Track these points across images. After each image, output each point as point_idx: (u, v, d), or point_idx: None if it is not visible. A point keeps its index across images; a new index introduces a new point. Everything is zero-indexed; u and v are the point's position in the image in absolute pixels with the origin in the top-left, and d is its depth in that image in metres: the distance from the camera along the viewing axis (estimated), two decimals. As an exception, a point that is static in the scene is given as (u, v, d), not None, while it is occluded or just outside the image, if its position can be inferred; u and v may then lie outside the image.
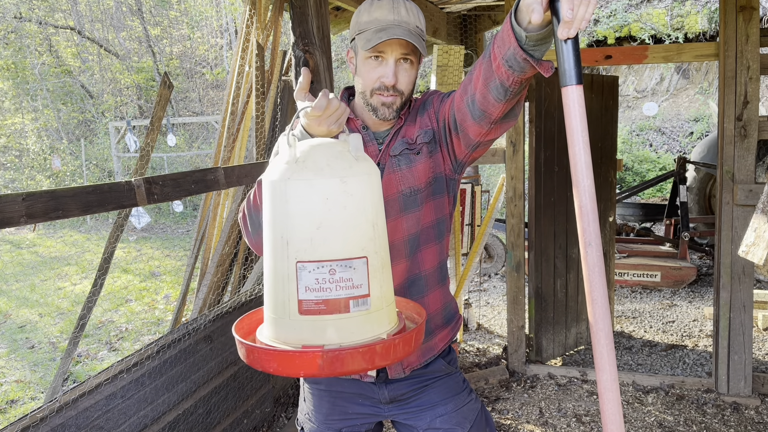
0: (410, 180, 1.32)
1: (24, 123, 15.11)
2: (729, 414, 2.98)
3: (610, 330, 0.92)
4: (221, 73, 17.28)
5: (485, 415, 1.47)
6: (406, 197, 1.32)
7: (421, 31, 1.28)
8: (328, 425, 1.44)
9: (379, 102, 1.29)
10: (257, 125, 3.09)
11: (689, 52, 3.09)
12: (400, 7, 1.26)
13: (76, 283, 6.98)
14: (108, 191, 1.90)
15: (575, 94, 0.92)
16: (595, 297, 0.92)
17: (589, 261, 0.91)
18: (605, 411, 0.93)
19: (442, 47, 3.37)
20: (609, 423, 0.93)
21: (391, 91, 1.27)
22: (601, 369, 0.92)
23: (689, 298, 5.09)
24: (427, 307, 1.38)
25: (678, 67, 12.33)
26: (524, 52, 1.00)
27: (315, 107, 1.08)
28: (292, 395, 3.17)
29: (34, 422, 1.69)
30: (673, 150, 11.65)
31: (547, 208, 3.59)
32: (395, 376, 1.38)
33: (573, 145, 0.90)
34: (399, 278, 1.34)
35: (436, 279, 1.40)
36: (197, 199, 11.14)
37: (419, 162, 1.32)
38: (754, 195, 2.90)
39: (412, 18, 1.26)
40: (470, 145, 1.29)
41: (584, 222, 0.91)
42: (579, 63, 0.93)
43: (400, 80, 1.28)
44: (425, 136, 1.34)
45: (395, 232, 1.33)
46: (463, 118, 1.24)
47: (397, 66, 1.27)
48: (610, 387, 0.91)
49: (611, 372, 0.92)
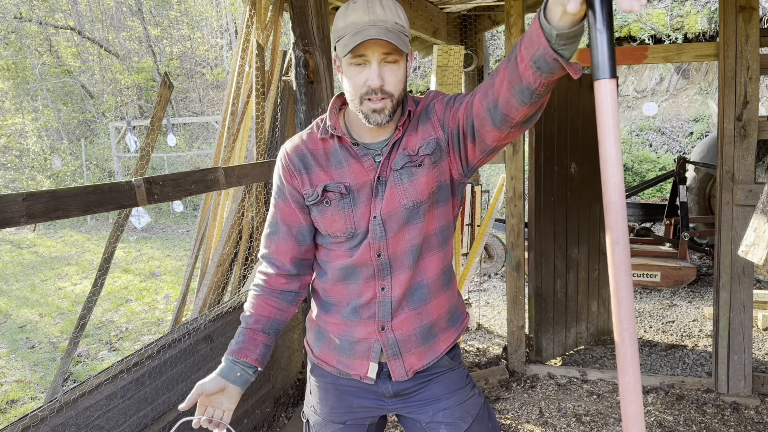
0: (412, 194, 1.30)
1: (24, 123, 15.11)
2: (729, 414, 2.98)
3: (634, 331, 0.89)
4: (221, 73, 17.29)
5: (488, 410, 1.48)
6: (409, 211, 1.31)
7: (402, 26, 1.22)
8: (333, 418, 1.46)
9: (369, 109, 1.23)
10: (257, 125, 3.09)
11: (689, 53, 3.09)
12: (375, 6, 1.20)
13: (77, 283, 6.98)
14: (108, 191, 1.91)
15: (609, 88, 0.87)
16: (621, 297, 0.89)
17: (616, 259, 0.88)
18: (626, 413, 0.90)
19: (442, 47, 3.37)
20: (630, 426, 0.90)
21: (380, 94, 1.22)
22: (624, 370, 0.89)
23: (689, 298, 5.09)
24: (430, 313, 1.39)
25: (678, 68, 12.33)
26: (555, 52, 0.97)
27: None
28: (292, 395, 3.17)
29: (35, 422, 1.70)
30: (673, 150, 11.65)
31: (547, 208, 3.59)
32: (399, 379, 1.39)
33: (604, 140, 0.88)
34: (401, 288, 1.34)
35: (440, 285, 1.40)
36: (197, 199, 11.15)
37: (421, 175, 1.30)
38: (754, 195, 2.90)
39: (390, 15, 1.21)
40: (486, 150, 1.26)
41: (612, 219, 0.87)
42: (614, 56, 0.88)
43: (387, 81, 1.22)
44: (427, 148, 1.30)
45: (398, 244, 1.32)
46: (481, 124, 1.20)
47: (381, 67, 1.21)
48: (632, 389, 0.87)
49: (634, 374, 0.89)
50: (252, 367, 1.37)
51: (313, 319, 1.49)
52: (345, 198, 1.31)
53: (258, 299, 1.41)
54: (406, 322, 1.36)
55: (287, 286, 1.42)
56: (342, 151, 1.33)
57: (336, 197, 1.31)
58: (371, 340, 1.37)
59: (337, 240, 1.35)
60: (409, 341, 1.37)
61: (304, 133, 1.39)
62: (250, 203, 3.15)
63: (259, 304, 1.41)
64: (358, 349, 1.39)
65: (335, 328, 1.41)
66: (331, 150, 1.34)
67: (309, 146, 1.36)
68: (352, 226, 1.32)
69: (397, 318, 1.36)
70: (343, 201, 1.31)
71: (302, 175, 1.34)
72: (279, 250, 1.39)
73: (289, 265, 1.40)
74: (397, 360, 1.37)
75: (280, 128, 3.29)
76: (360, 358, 1.39)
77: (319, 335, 1.46)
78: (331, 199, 1.32)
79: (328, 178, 1.32)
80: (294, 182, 1.35)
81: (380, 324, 1.36)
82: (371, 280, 1.34)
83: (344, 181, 1.31)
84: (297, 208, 1.36)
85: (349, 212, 1.31)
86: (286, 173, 1.36)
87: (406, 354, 1.38)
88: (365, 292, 1.35)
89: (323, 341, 1.45)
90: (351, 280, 1.36)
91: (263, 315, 1.40)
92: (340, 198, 1.31)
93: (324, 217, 1.33)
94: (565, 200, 3.68)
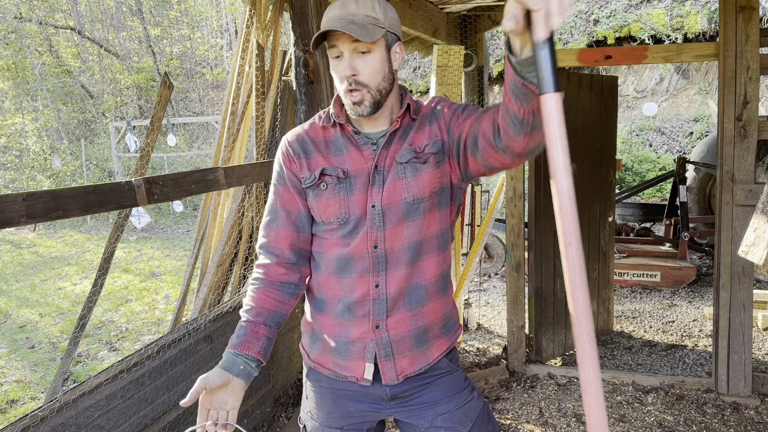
0: (414, 189, 1.32)
1: (24, 123, 15.12)
2: (729, 414, 2.98)
3: (591, 327, 0.96)
4: (221, 73, 17.29)
5: (488, 413, 1.47)
6: (408, 205, 1.32)
7: (373, 18, 1.26)
8: (330, 423, 1.44)
9: (350, 102, 1.28)
10: (257, 125, 3.09)
11: (689, 53, 3.09)
12: (348, 3, 1.26)
13: (77, 283, 6.98)
14: (108, 191, 1.91)
15: (554, 101, 0.92)
16: (577, 295, 0.95)
17: (569, 260, 0.95)
18: (588, 404, 0.97)
19: (442, 47, 3.37)
20: (592, 415, 0.96)
21: (354, 85, 1.26)
22: (583, 364, 0.96)
23: (689, 298, 5.09)
24: (426, 316, 1.38)
25: (678, 68, 12.33)
26: (522, 78, 1.03)
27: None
28: (292, 395, 3.17)
29: (35, 422, 1.70)
30: (673, 150, 11.65)
31: (547, 208, 3.59)
32: (389, 382, 1.38)
33: (552, 150, 0.94)
34: (398, 286, 1.34)
35: (437, 289, 1.40)
36: (197, 199, 11.15)
37: (425, 171, 1.32)
38: (753, 195, 2.90)
39: (362, 8, 1.25)
40: (488, 167, 1.29)
41: (564, 222, 0.94)
42: (556, 70, 0.93)
43: (359, 71, 1.26)
44: (433, 147, 1.33)
45: (396, 239, 1.33)
46: (486, 146, 1.24)
47: (353, 57, 1.26)
48: (592, 382, 0.95)
49: (594, 368, 0.95)
50: (255, 360, 1.34)
51: (307, 322, 1.47)
52: (342, 183, 1.33)
53: (258, 292, 1.39)
54: (401, 323, 1.36)
55: (287, 277, 1.40)
56: (343, 139, 1.36)
57: (333, 181, 1.33)
58: (366, 339, 1.36)
59: (330, 227, 1.35)
60: (403, 342, 1.36)
61: (306, 124, 1.43)
62: (250, 203, 3.15)
63: (260, 297, 1.38)
64: (353, 349, 1.38)
65: (329, 329, 1.40)
66: (331, 138, 1.38)
67: (310, 134, 1.39)
68: (345, 211, 1.33)
69: (393, 317, 1.35)
70: (340, 185, 1.33)
71: (301, 159, 1.36)
72: (278, 237, 1.39)
73: (288, 253, 1.39)
74: (389, 361, 1.36)
75: (280, 128, 3.29)
76: (355, 359, 1.38)
77: (314, 338, 1.45)
78: (328, 183, 1.33)
79: (326, 163, 1.35)
80: (293, 167, 1.37)
81: (375, 322, 1.35)
82: (366, 275, 1.34)
83: (342, 166, 1.34)
84: (296, 193, 1.38)
85: (344, 197, 1.33)
86: (285, 158, 1.39)
87: (399, 356, 1.37)
88: (358, 287, 1.34)
89: (318, 344, 1.43)
90: (345, 273, 1.35)
91: (264, 307, 1.38)
92: (337, 182, 1.33)
93: (319, 201, 1.34)
94: (565, 200, 3.67)
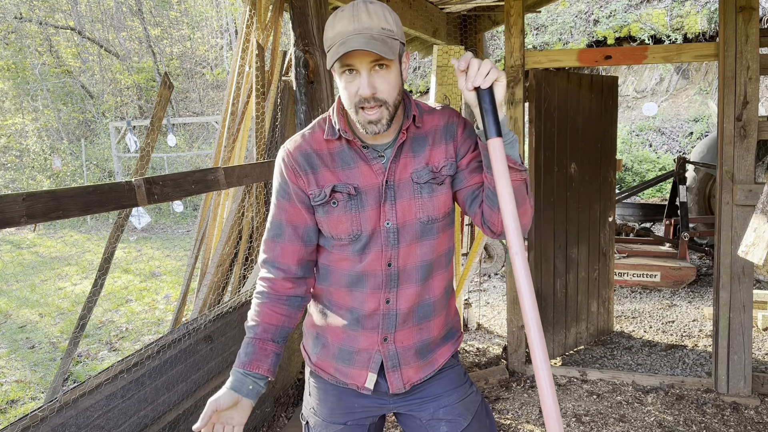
0: (430, 209, 1.32)
1: (24, 123, 15.11)
2: (729, 414, 2.98)
3: (540, 327, 1.18)
4: (221, 73, 17.29)
5: (486, 408, 1.50)
6: (423, 225, 1.32)
7: (389, 31, 1.19)
8: (334, 419, 1.45)
9: (365, 120, 1.22)
10: (257, 125, 3.09)
11: (689, 53, 3.09)
12: (360, 14, 1.18)
13: (77, 283, 6.98)
14: (108, 191, 1.91)
15: (497, 144, 1.18)
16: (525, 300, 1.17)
17: (517, 268, 1.18)
18: (541, 385, 1.15)
19: (442, 47, 3.37)
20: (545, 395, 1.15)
21: (372, 103, 1.20)
22: (538, 366, 1.16)
23: (689, 298, 5.09)
24: (431, 330, 1.40)
25: (678, 68, 12.33)
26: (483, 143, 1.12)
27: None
28: (292, 395, 3.17)
29: (35, 422, 1.70)
30: (673, 150, 11.65)
31: (547, 208, 3.59)
32: (396, 391, 1.40)
33: (499, 181, 1.18)
34: (408, 303, 1.35)
35: (443, 304, 1.42)
36: (197, 199, 11.15)
37: (441, 193, 1.32)
38: (753, 195, 2.90)
39: (376, 21, 1.18)
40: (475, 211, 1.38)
41: (511, 237, 1.18)
42: (497, 120, 1.18)
43: (378, 89, 1.19)
44: (450, 169, 1.32)
45: (409, 257, 1.33)
46: (473, 215, 1.35)
47: (372, 75, 1.19)
48: (542, 366, 1.16)
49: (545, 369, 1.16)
50: (263, 378, 1.33)
51: (313, 324, 1.46)
52: (353, 199, 1.30)
53: (264, 307, 1.36)
54: (408, 336, 1.37)
55: (294, 291, 1.37)
56: (350, 152, 1.31)
57: (344, 198, 1.29)
58: (372, 350, 1.37)
59: (340, 242, 1.33)
60: (408, 354, 1.38)
61: (305, 132, 1.36)
62: (250, 203, 3.15)
63: (266, 312, 1.35)
64: (358, 359, 1.38)
65: (335, 336, 1.40)
66: (337, 150, 1.32)
67: (313, 146, 1.33)
68: (357, 227, 1.30)
69: (401, 331, 1.36)
70: (351, 202, 1.30)
71: (308, 175, 1.31)
72: (284, 253, 1.35)
73: (295, 268, 1.36)
74: (396, 372, 1.38)
75: (280, 128, 3.29)
76: (359, 368, 1.38)
77: (317, 341, 1.45)
78: (339, 200, 1.30)
79: (335, 179, 1.30)
80: (299, 182, 1.32)
81: (383, 335, 1.36)
82: (377, 291, 1.33)
83: (353, 182, 1.30)
84: (303, 208, 1.33)
85: (355, 213, 1.30)
86: (290, 173, 1.32)
87: (405, 366, 1.38)
88: (369, 302, 1.34)
89: (321, 347, 1.43)
90: (357, 288, 1.35)
91: (271, 324, 1.35)
92: (348, 199, 1.29)
93: (330, 218, 1.31)
94: (564, 200, 3.68)
